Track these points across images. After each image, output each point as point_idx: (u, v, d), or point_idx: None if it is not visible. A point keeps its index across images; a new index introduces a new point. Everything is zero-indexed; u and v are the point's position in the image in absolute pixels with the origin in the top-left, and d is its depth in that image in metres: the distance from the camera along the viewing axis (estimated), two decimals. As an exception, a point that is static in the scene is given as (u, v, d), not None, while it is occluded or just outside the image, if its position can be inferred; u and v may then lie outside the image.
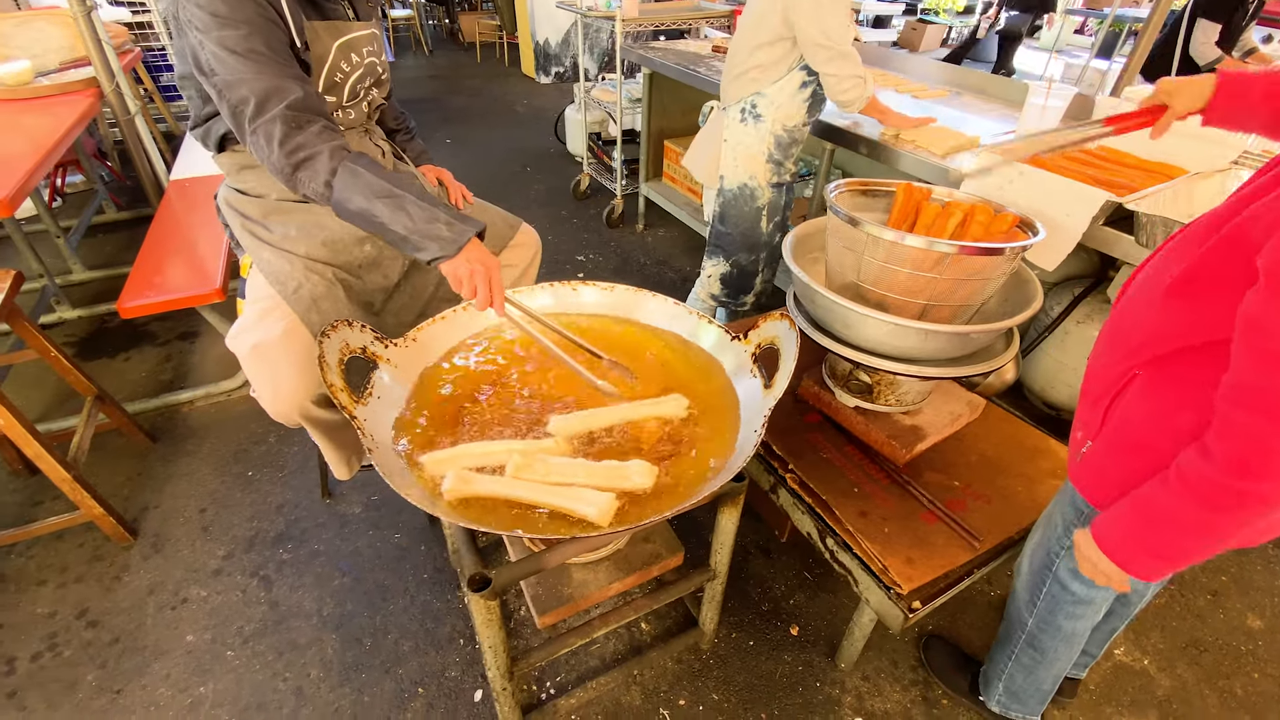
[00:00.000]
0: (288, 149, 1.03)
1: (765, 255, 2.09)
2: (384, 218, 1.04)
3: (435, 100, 5.88)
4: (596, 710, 1.44)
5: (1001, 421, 1.57)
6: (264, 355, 1.22)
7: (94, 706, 1.41)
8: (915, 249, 1.17)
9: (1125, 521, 0.84)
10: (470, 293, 1.07)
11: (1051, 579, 1.15)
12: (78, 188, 3.74)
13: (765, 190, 1.94)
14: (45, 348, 1.78)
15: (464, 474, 0.97)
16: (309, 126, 1.05)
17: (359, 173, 1.05)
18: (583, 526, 0.93)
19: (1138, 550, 0.83)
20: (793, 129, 1.85)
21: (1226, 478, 0.70)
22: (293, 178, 1.06)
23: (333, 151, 1.05)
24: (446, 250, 1.05)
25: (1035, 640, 1.24)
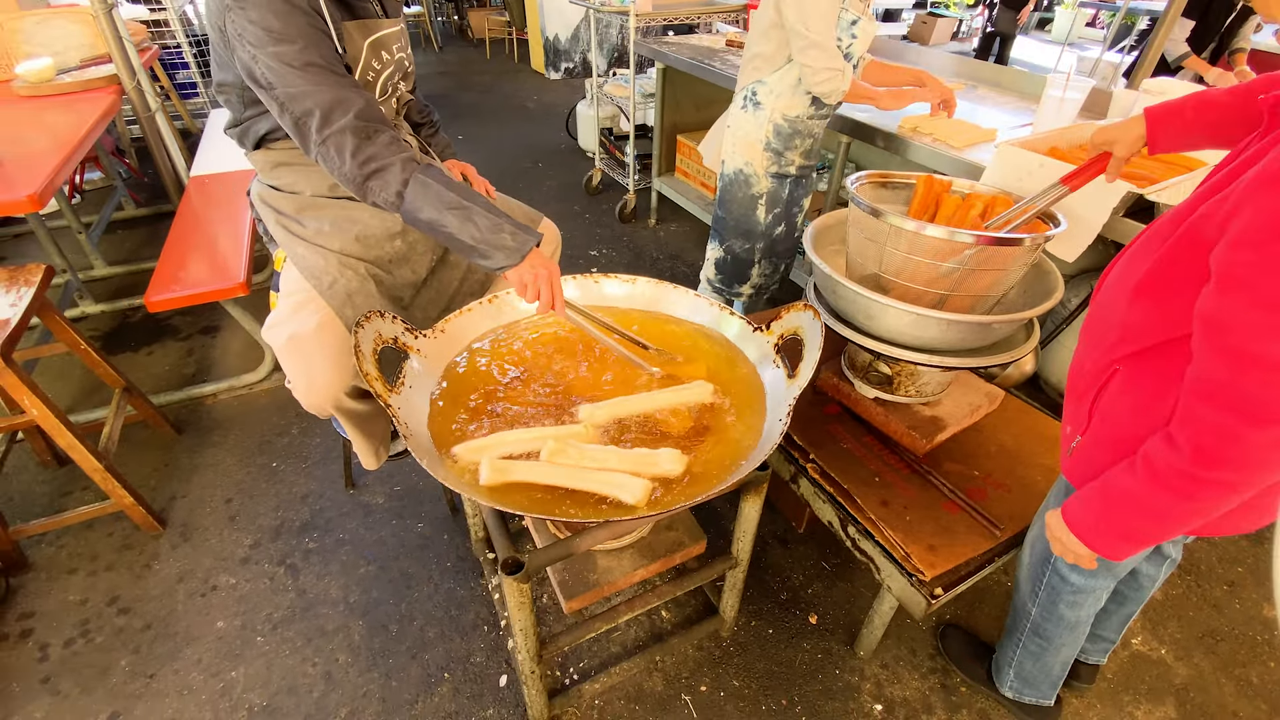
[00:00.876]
0: (360, 159, 1.07)
1: (763, 246, 2.06)
2: (453, 228, 1.08)
3: (446, 97, 5.90)
4: (619, 695, 1.47)
5: (1020, 413, 1.58)
6: (299, 347, 1.25)
7: (127, 691, 1.44)
8: (937, 239, 1.18)
9: (1094, 504, 0.87)
10: (534, 297, 1.13)
11: (1050, 570, 1.18)
12: (96, 185, 3.79)
13: (762, 179, 1.92)
14: (75, 340, 1.81)
15: (499, 463, 0.99)
16: (378, 137, 1.08)
17: (429, 184, 1.08)
18: (619, 510, 0.95)
19: (1105, 531, 0.87)
20: (794, 119, 1.81)
21: (1190, 466, 0.73)
22: (364, 187, 1.09)
23: (404, 163, 1.08)
24: (512, 259, 1.10)
25: (1040, 629, 1.26)
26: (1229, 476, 0.72)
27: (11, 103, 2.41)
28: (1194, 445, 0.73)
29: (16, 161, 1.86)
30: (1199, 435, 0.72)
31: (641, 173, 3.54)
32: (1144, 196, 1.43)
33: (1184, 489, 0.75)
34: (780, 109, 1.80)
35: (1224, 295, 0.69)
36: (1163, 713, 1.48)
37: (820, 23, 1.61)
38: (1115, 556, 0.88)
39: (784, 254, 2.14)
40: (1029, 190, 1.55)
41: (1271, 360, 0.65)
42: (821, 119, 1.86)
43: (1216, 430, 0.70)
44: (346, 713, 1.42)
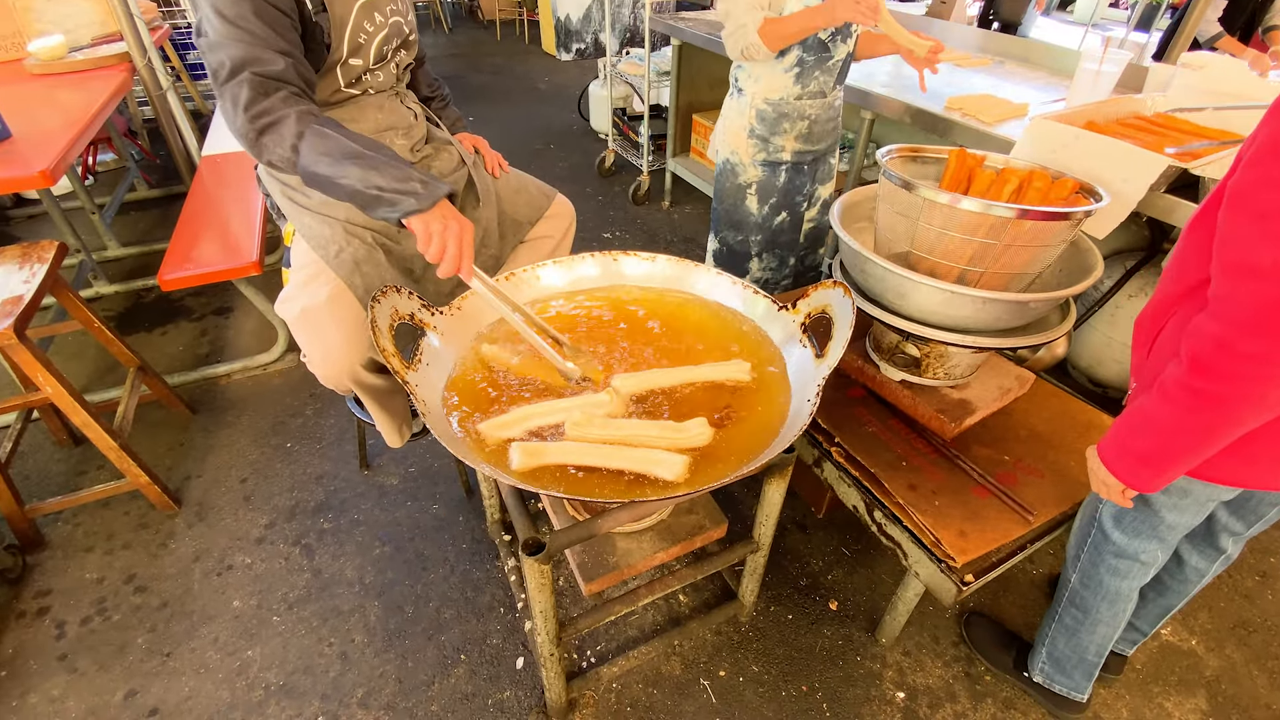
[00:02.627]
0: (252, 113, 1.00)
1: (760, 239, 1.91)
2: (353, 179, 1.00)
3: (456, 78, 5.84)
4: (637, 679, 1.45)
5: (1051, 397, 1.54)
6: (312, 320, 1.22)
7: (144, 669, 1.44)
8: (973, 213, 1.13)
9: (1119, 430, 0.91)
10: (438, 252, 1.03)
11: (1096, 528, 1.17)
12: (108, 166, 3.78)
13: (749, 167, 1.79)
14: (89, 319, 1.80)
15: (530, 446, 0.96)
16: (276, 93, 1.02)
17: (327, 135, 1.01)
18: (659, 488, 0.92)
19: (1125, 456, 0.90)
20: (778, 103, 1.68)
21: (1187, 376, 0.78)
22: (257, 144, 1.02)
23: (299, 115, 1.01)
24: (421, 204, 1.01)
25: (1078, 597, 1.23)
26: (1222, 388, 0.75)
27: (24, 81, 2.39)
28: (1191, 356, 0.77)
29: (29, 139, 1.84)
30: (1197, 345, 0.76)
31: (655, 153, 3.48)
32: (1188, 171, 1.37)
33: (1184, 401, 0.79)
34: (762, 92, 1.68)
35: (1227, 212, 0.73)
36: (1193, 704, 1.45)
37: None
38: (1137, 484, 0.90)
39: (789, 246, 1.96)
40: (1064, 165, 1.49)
41: (1263, 269, 0.68)
42: (813, 98, 1.69)
43: (1213, 340, 0.74)
44: (363, 693, 1.41)
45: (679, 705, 1.40)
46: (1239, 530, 1.15)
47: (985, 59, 2.45)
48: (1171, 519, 1.07)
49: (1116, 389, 1.92)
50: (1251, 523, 1.14)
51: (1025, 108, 1.87)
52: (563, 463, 0.97)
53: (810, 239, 2.00)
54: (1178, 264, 0.90)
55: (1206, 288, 0.82)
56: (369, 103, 1.25)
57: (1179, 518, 1.07)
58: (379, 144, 1.06)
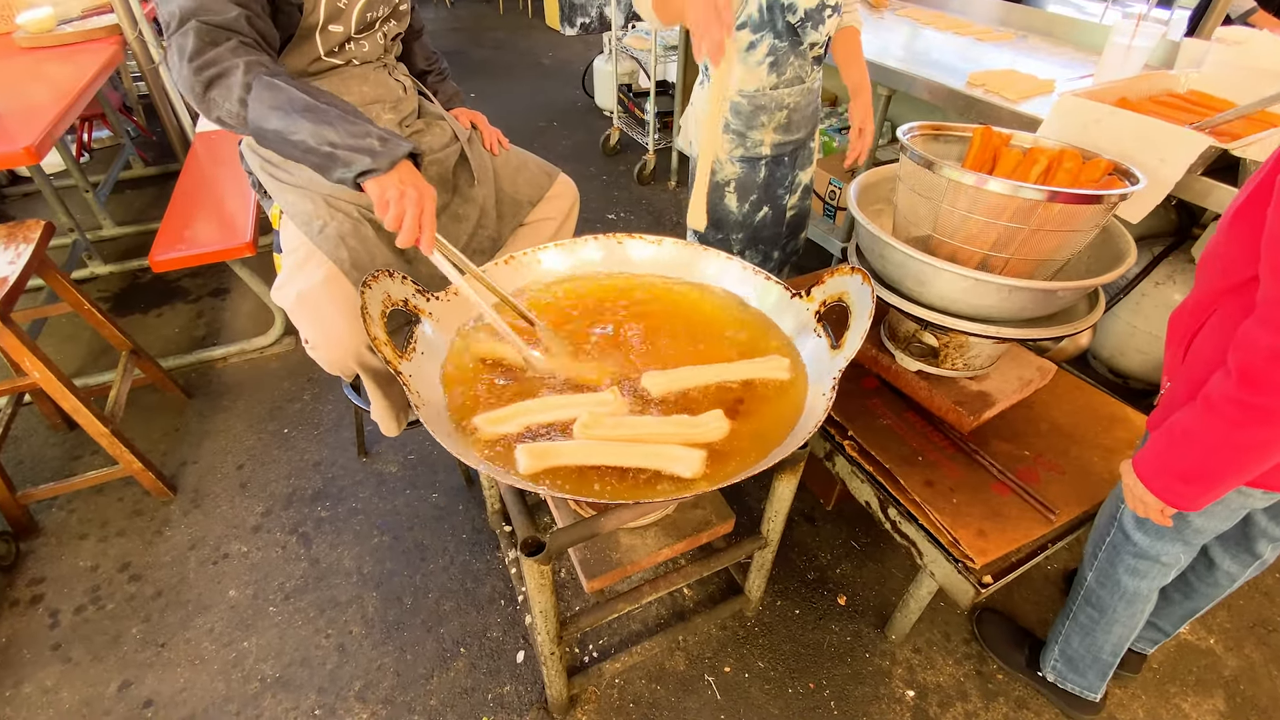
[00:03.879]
0: (197, 63, 0.92)
1: (742, 237, 1.77)
2: (306, 134, 0.92)
3: (458, 53, 5.70)
4: (640, 674, 1.41)
5: (1073, 389, 1.47)
6: (309, 303, 1.17)
7: (138, 659, 1.42)
8: (1000, 195, 1.06)
9: (1157, 445, 0.85)
10: (396, 220, 0.95)
11: (1116, 528, 1.12)
12: (104, 143, 3.70)
13: (726, 165, 1.63)
14: (79, 301, 1.75)
15: (537, 447, 0.91)
16: (225, 42, 0.94)
17: (278, 86, 0.93)
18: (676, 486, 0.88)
19: (1164, 473, 0.84)
20: (754, 94, 1.52)
21: (1236, 390, 0.71)
22: (205, 99, 0.95)
23: (248, 65, 0.93)
24: (378, 164, 0.93)
25: (1094, 596, 1.19)
26: (1274, 401, 0.69)
27: (12, 55, 2.31)
28: (1241, 368, 0.71)
29: (15, 114, 1.77)
30: (1248, 357, 0.70)
31: (662, 132, 3.39)
32: (1228, 153, 1.29)
33: (1232, 416, 0.73)
34: (735, 84, 1.52)
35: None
36: (1211, 705, 1.41)
37: None
38: (1178, 503, 0.84)
39: (772, 240, 1.83)
40: (1095, 143, 1.41)
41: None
42: (790, 86, 1.53)
43: (1266, 351, 0.68)
44: (360, 686, 1.38)
45: (683, 702, 1.37)
46: (1278, 536, 1.09)
47: (1008, 33, 2.35)
48: (1199, 523, 1.02)
49: (1139, 380, 1.86)
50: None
51: (1051, 84, 1.78)
52: (575, 464, 0.92)
53: (792, 227, 1.85)
54: (1219, 258, 0.84)
55: (1252, 287, 0.76)
56: (353, 74, 1.18)
57: (1208, 522, 1.02)
58: (336, 97, 0.98)
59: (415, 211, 0.95)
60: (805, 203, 1.84)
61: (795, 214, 1.84)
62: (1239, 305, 0.79)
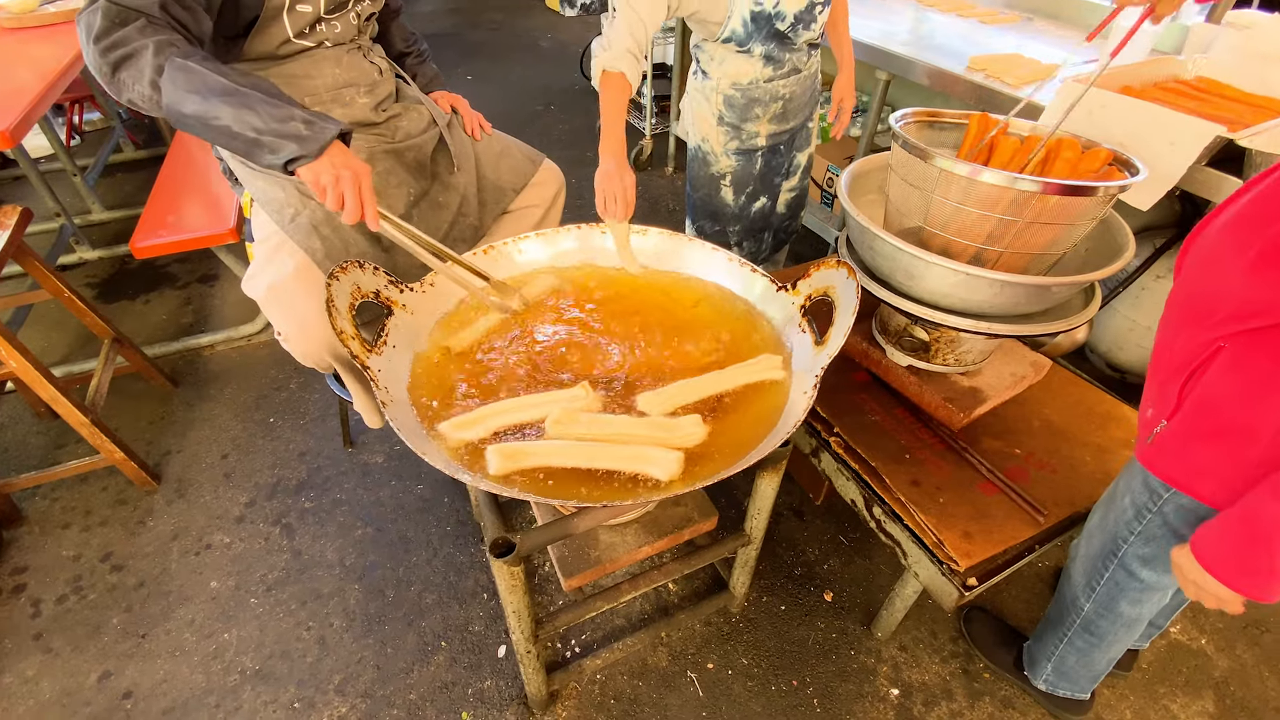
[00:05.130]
0: (103, 44, 0.87)
1: (739, 229, 1.76)
2: (227, 119, 0.88)
3: (455, 35, 5.61)
4: (622, 670, 1.40)
5: (1068, 384, 1.44)
6: (281, 295, 1.14)
7: (119, 650, 1.41)
8: (993, 186, 1.02)
9: (1232, 537, 0.74)
10: (336, 202, 0.93)
11: (1116, 565, 1.05)
12: (96, 125, 3.65)
13: (721, 157, 1.61)
14: (59, 289, 1.73)
15: (509, 448, 0.88)
16: (133, 22, 0.89)
17: (192, 69, 0.89)
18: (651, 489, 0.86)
19: (1255, 570, 0.73)
20: (748, 87, 1.49)
21: None
22: (114, 80, 0.90)
23: (158, 46, 0.89)
24: (306, 149, 0.90)
25: (1092, 625, 1.15)
26: None
27: (-6, 35, 2.27)
28: None
29: (-9, 96, 1.73)
30: None
31: (659, 116, 3.32)
32: (1234, 143, 1.24)
33: None
34: (729, 76, 1.48)
35: None
36: (1200, 706, 1.39)
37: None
38: (1269, 598, 0.75)
39: (768, 226, 1.82)
40: (1099, 132, 1.37)
41: None
42: (787, 77, 1.50)
43: None
44: (340, 679, 1.37)
45: (664, 698, 1.36)
46: None
47: (1014, 15, 2.28)
48: None
49: (1136, 375, 1.82)
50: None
51: (1055, 69, 1.72)
52: (546, 465, 0.89)
53: (791, 208, 1.83)
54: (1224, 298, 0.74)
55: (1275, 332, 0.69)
56: (325, 56, 1.14)
57: None
58: (256, 78, 0.94)
59: (354, 192, 0.93)
60: (803, 183, 1.82)
61: (794, 195, 1.82)
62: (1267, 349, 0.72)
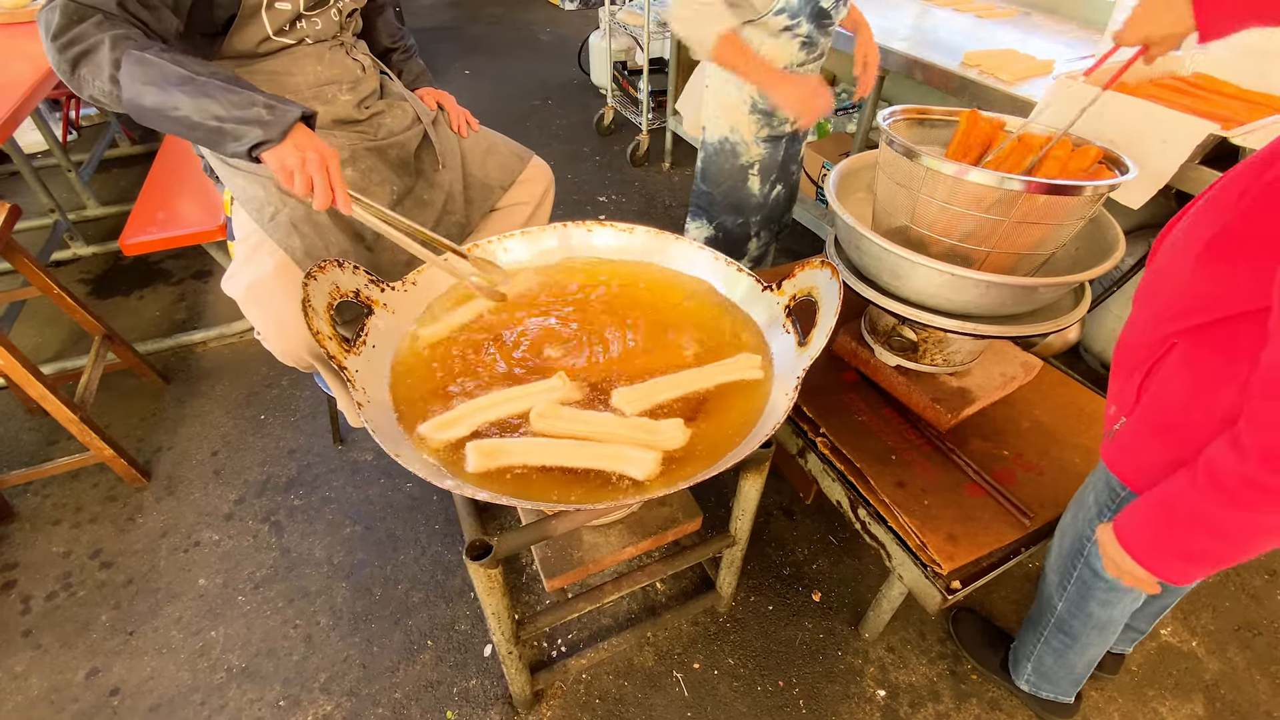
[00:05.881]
0: (61, 41, 0.87)
1: (760, 218, 1.79)
2: (187, 109, 0.88)
3: (454, 29, 5.58)
4: (608, 670, 1.40)
5: (1059, 385, 1.43)
6: (260, 295, 1.13)
7: (107, 647, 1.41)
8: (979, 185, 1.01)
9: (1151, 520, 0.75)
10: (305, 187, 0.92)
11: (1083, 564, 1.06)
12: (93, 120, 3.65)
13: (751, 146, 1.62)
14: (49, 286, 1.72)
15: (487, 445, 0.88)
16: (90, 18, 0.89)
17: (149, 60, 0.88)
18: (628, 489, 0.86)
19: (1164, 551, 0.75)
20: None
21: (1257, 472, 0.62)
22: (74, 77, 0.90)
23: (115, 40, 0.88)
24: (269, 134, 0.89)
25: (1065, 625, 1.15)
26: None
27: (-14, 30, 2.26)
28: (1262, 448, 0.61)
29: (-19, 93, 1.73)
30: (1267, 435, 0.61)
31: (656, 111, 3.30)
32: (1228, 140, 1.23)
33: (1251, 501, 0.64)
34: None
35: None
36: (1189, 709, 1.38)
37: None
38: (1179, 580, 0.75)
39: (779, 219, 1.86)
40: (1093, 130, 1.35)
41: None
42: (815, 61, 1.54)
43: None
44: (326, 678, 1.37)
45: (649, 698, 1.36)
46: None
47: (1010, 9, 2.25)
48: None
49: (1131, 374, 1.80)
50: None
51: (1050, 64, 1.70)
52: (525, 463, 0.89)
53: (792, 198, 1.87)
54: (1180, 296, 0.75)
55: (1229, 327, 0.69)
56: (305, 54, 1.13)
57: None
58: (213, 66, 0.93)
59: (322, 174, 0.92)
60: (799, 174, 1.85)
61: (795, 182, 1.86)
62: (1212, 348, 0.72)
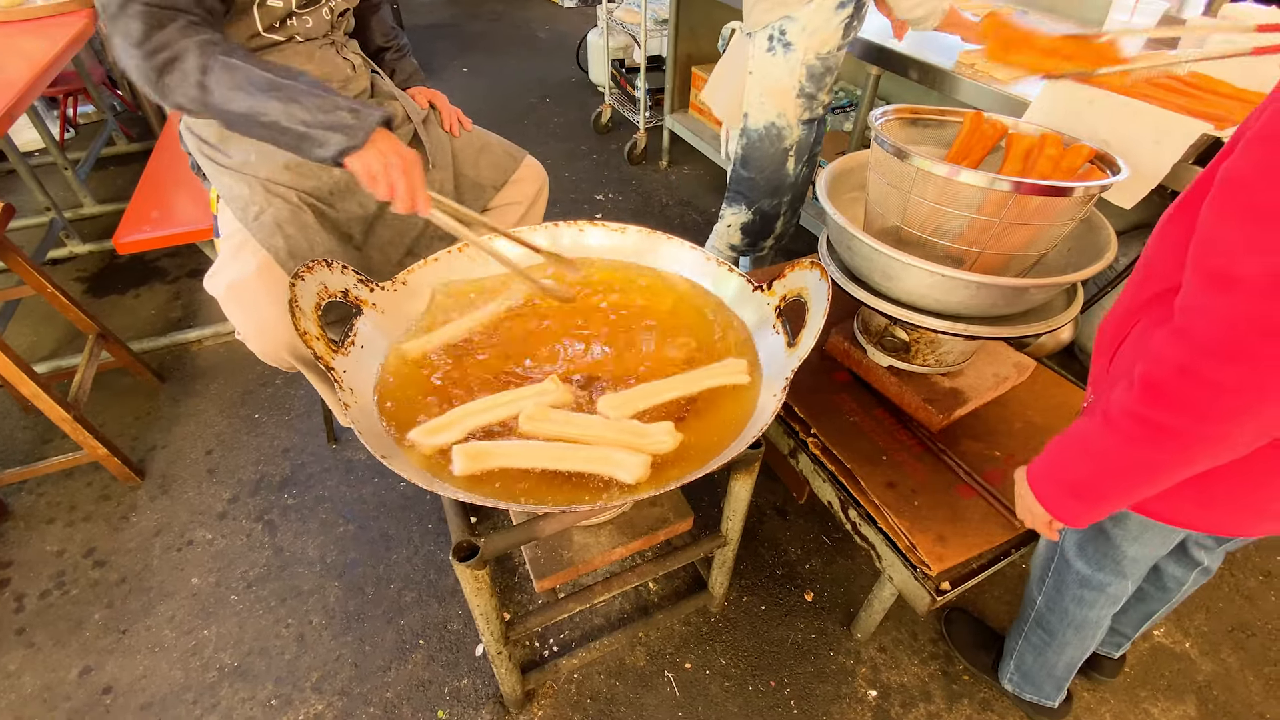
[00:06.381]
0: (146, 48, 0.88)
1: (790, 198, 1.86)
2: (276, 114, 0.89)
3: (453, 26, 5.57)
4: (599, 670, 1.40)
5: (1052, 386, 1.42)
6: (241, 294, 1.13)
7: (99, 646, 1.42)
8: (970, 187, 1.00)
9: (1050, 453, 0.80)
10: (387, 190, 0.94)
11: (1059, 556, 1.08)
12: (91, 118, 3.65)
13: (794, 129, 1.68)
14: (42, 284, 1.72)
15: (474, 447, 0.88)
16: (172, 23, 0.89)
17: (236, 66, 0.89)
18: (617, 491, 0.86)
19: (1055, 485, 0.78)
20: (826, 56, 1.57)
21: (1137, 404, 0.65)
22: (160, 84, 0.90)
23: (201, 47, 0.89)
24: (353, 139, 0.90)
25: (1044, 620, 1.16)
26: (1177, 421, 0.62)
27: (-19, 29, 2.26)
28: (1145, 380, 0.64)
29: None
30: (1154, 369, 0.63)
31: (653, 109, 3.30)
32: (1221, 140, 1.22)
33: (1128, 431, 0.66)
34: (814, 46, 1.54)
35: (1213, 206, 0.59)
36: (1181, 711, 1.38)
37: None
38: (1065, 517, 0.78)
39: (803, 196, 1.94)
40: (1087, 129, 1.34)
41: (1247, 281, 0.54)
42: (848, 48, 1.63)
43: (1174, 365, 0.61)
44: (318, 677, 1.38)
45: (641, 698, 1.36)
46: (1211, 546, 1.06)
47: (1008, 7, 2.24)
48: (1133, 553, 0.98)
49: (1126, 374, 1.80)
50: (1224, 541, 1.04)
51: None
52: (512, 466, 0.89)
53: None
54: (1146, 263, 0.77)
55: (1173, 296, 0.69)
56: (295, 51, 1.13)
57: (1141, 550, 0.97)
58: (295, 70, 0.94)
59: (404, 180, 0.93)
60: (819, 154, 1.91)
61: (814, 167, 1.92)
62: (1158, 316, 0.73)
